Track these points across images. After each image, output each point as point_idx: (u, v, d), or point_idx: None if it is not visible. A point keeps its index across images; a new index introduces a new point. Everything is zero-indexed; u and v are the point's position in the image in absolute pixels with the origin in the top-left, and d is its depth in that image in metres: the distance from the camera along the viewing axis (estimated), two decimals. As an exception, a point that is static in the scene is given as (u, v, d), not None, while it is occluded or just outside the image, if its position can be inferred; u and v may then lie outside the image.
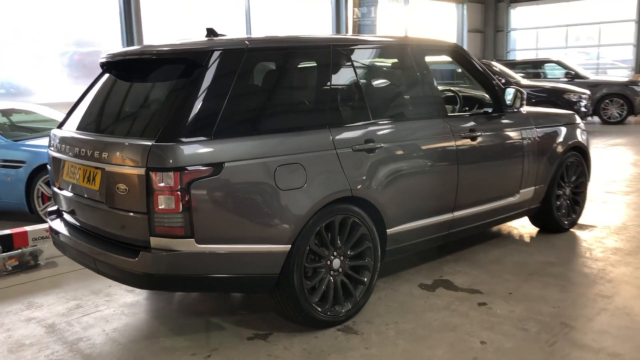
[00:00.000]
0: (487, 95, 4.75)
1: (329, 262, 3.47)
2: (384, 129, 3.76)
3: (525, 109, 4.91)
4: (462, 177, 4.17)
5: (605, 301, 3.81)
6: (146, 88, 3.37)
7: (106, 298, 4.05)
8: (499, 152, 4.54)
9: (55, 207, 3.86)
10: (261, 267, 3.20)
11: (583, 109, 12.76)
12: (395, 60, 4.28)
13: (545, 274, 4.33)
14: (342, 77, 3.69)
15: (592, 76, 16.01)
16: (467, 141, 4.22)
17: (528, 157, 4.75)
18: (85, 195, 3.33)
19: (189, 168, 2.92)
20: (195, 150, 2.96)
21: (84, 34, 11.77)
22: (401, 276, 4.33)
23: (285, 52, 3.50)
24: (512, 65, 16.51)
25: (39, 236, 4.91)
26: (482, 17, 21.91)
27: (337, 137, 3.47)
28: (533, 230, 5.42)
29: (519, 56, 21.88)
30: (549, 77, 16.19)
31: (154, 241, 2.97)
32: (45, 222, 4.48)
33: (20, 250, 4.69)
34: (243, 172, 3.08)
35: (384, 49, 4.17)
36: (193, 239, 2.97)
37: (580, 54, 21.96)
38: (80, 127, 3.53)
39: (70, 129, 3.59)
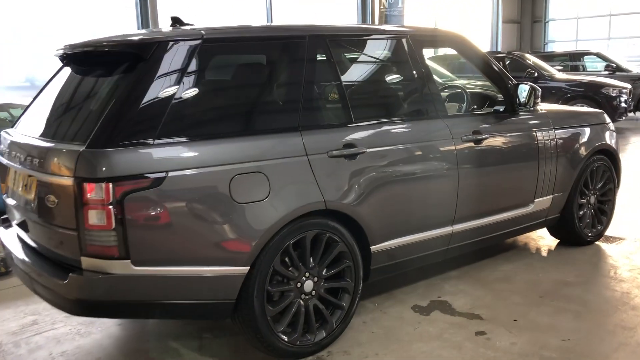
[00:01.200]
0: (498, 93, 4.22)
1: (299, 285, 3.04)
2: (368, 131, 3.29)
3: (543, 107, 4.36)
4: (463, 185, 3.66)
5: (625, 334, 3.26)
6: (88, 85, 2.98)
7: (66, 314, 3.69)
8: (508, 156, 4.01)
9: (6, 216, 3.52)
10: (213, 292, 2.78)
11: (623, 105, 11.92)
12: (386, 52, 3.78)
13: (560, 296, 3.79)
14: (320, 72, 3.23)
15: (635, 69, 15.02)
16: (470, 145, 3.71)
17: (544, 162, 4.19)
18: (24, 206, 2.97)
19: (123, 178, 2.51)
20: (132, 157, 2.55)
21: (106, 27, 11.57)
22: (394, 295, 3.85)
23: (250, 43, 3.07)
24: (549, 57, 15.67)
25: (12, 241, 4.61)
26: (518, 6, 20.91)
27: (310, 141, 3.02)
28: (552, 242, 4.86)
29: (557, 48, 20.84)
30: (588, 70, 15.29)
31: (86, 262, 2.58)
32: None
33: (-11, 257, 4.39)
34: (190, 183, 2.66)
35: (372, 40, 3.68)
36: (129, 261, 2.56)
37: (625, 45, 20.78)
38: (24, 129, 3.17)
39: (17, 131, 3.24)
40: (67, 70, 3.26)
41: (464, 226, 3.77)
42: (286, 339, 2.98)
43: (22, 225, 3.13)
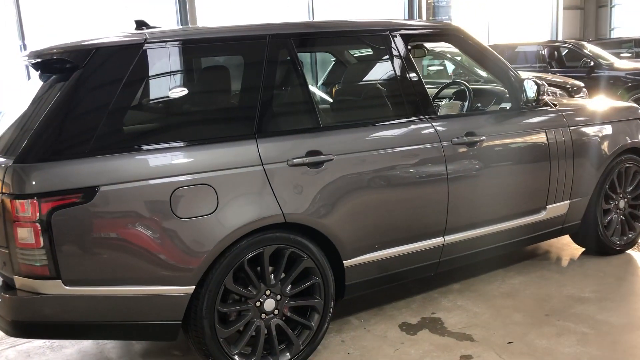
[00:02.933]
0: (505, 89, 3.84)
1: (258, 304, 2.83)
2: (337, 137, 3.03)
3: (558, 103, 3.95)
4: (455, 193, 3.33)
5: (632, 363, 2.86)
6: (30, 95, 2.87)
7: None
8: (510, 159, 3.63)
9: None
10: (156, 313, 2.61)
11: (691, 94, 10.94)
12: (363, 50, 3.49)
13: (568, 315, 3.40)
14: (282, 75, 3.00)
15: None
16: (462, 148, 3.37)
17: (557, 165, 3.78)
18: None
19: (51, 194, 2.38)
20: (61, 171, 2.42)
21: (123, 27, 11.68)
22: (384, 311, 3.58)
23: (200, 45, 2.87)
24: (614, 44, 14.68)
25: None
26: (581, -9, 19.74)
27: (267, 149, 2.80)
28: (577, 250, 4.41)
29: (624, 34, 19.47)
30: (657, 57, 14.19)
31: (19, 281, 2.48)
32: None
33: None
34: (125, 198, 2.50)
35: (345, 38, 3.38)
36: (60, 280, 2.44)
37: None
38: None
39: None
40: (31, 79, 3.18)
41: (458, 237, 3.44)
42: (242, 363, 2.78)
43: None
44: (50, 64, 2.76)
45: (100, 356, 3.29)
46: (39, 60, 2.84)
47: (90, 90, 2.54)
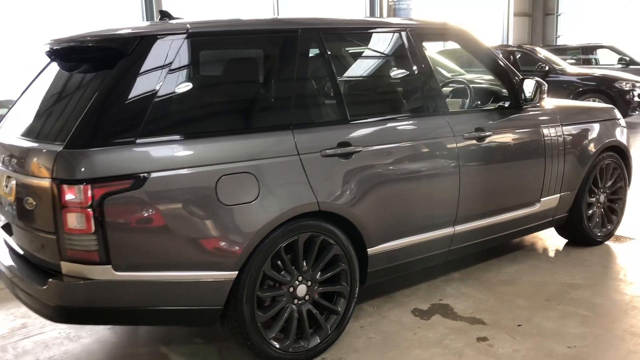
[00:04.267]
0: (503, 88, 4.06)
1: (291, 289, 2.91)
2: (364, 129, 3.16)
3: (550, 103, 4.20)
4: (465, 185, 3.52)
5: (634, 341, 3.11)
6: (72, 82, 2.86)
7: (53, 318, 3.61)
8: (512, 154, 3.85)
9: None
10: (199, 298, 2.66)
11: (636, 99, 11.64)
12: (385, 46, 3.63)
13: (567, 299, 3.64)
14: (313, 68, 3.10)
15: (649, 62, 14.69)
16: (472, 142, 3.56)
17: (551, 160, 4.04)
18: (7, 209, 2.87)
19: (103, 179, 2.40)
20: (113, 157, 2.44)
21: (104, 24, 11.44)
22: (394, 298, 3.72)
23: (238, 38, 2.94)
24: (561, 51, 15.38)
25: (6, 241, 4.52)
26: (530, -1, 20.59)
27: (302, 140, 2.89)
28: (561, 242, 4.70)
29: (569, 41, 20.45)
30: (601, 64, 15.00)
31: (65, 267, 2.48)
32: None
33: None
34: (174, 184, 2.54)
35: (370, 34, 3.54)
36: (110, 266, 2.46)
37: (638, 38, 20.35)
38: (9, 129, 3.06)
39: (1, 131, 3.13)
40: (54, 67, 3.15)
41: (466, 227, 3.63)
42: (278, 346, 2.86)
43: (7, 228, 3.04)
44: (87, 52, 2.76)
45: (120, 345, 3.29)
46: (70, 48, 2.83)
47: (137, 78, 2.56)
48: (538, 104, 4.01)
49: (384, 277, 3.41)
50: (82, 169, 2.39)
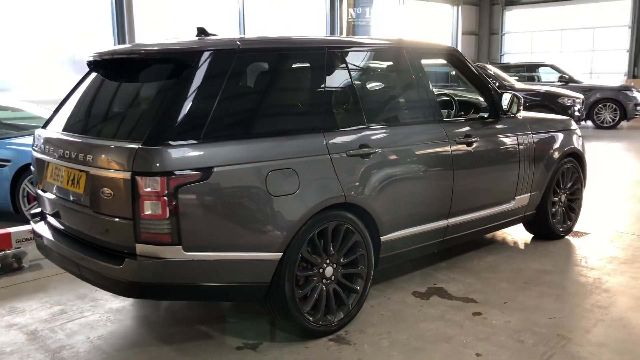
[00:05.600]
0: (482, 100, 4.67)
1: (321, 270, 3.38)
2: (378, 133, 3.68)
3: (521, 114, 4.84)
4: (458, 183, 4.09)
5: (601, 312, 3.73)
6: (134, 88, 3.26)
7: (92, 303, 3.93)
8: (494, 157, 4.46)
9: (39, 210, 3.74)
10: (251, 275, 3.10)
11: (577, 113, 12.75)
12: (391, 63, 4.19)
13: (541, 282, 4.25)
14: (337, 80, 3.60)
15: (585, 80, 15.99)
16: (463, 146, 4.14)
17: (524, 163, 4.67)
18: (70, 199, 3.22)
19: (176, 172, 2.81)
20: (183, 153, 2.86)
21: (75, 29, 11.59)
22: (394, 283, 4.23)
23: (278, 53, 3.40)
24: (506, 68, 16.47)
25: (22, 238, 4.76)
26: (476, 19, 21.88)
27: (331, 141, 3.38)
28: (527, 236, 5.35)
29: (513, 59, 21.85)
30: (542, 81, 16.18)
31: (140, 248, 2.86)
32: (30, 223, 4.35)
33: (3, 253, 4.56)
34: (233, 177, 2.98)
35: (379, 52, 4.09)
36: (180, 247, 2.86)
37: (575, 58, 21.95)
38: (65, 128, 3.42)
39: (55, 130, 3.48)
40: (96, 75, 3.52)
41: (457, 220, 4.19)
42: (312, 319, 3.31)
43: (62, 215, 3.36)
44: (153, 63, 3.16)
45: (159, 324, 3.65)
46: (133, 58, 3.23)
47: (201, 86, 2.99)
48: (513, 115, 4.64)
49: (392, 262, 3.92)
50: (158, 164, 2.79)
